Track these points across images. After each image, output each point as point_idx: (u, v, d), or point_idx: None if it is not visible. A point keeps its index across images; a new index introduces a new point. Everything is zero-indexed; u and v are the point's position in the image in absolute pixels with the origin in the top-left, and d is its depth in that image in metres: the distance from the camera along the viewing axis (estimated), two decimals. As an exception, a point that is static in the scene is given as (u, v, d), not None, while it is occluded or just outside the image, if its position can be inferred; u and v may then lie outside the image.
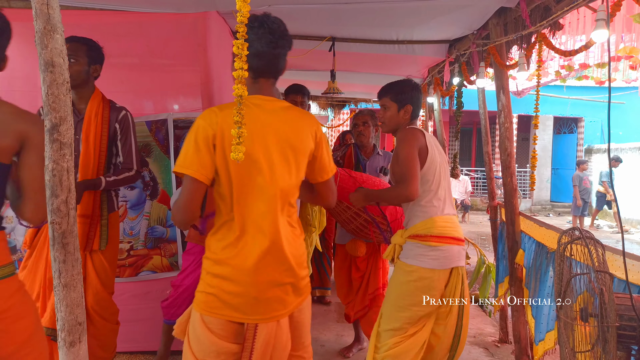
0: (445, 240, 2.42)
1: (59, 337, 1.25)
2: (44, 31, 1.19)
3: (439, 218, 2.45)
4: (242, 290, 1.60)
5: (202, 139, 1.58)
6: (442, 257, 2.41)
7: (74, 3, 2.98)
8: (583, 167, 11.24)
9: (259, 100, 1.71)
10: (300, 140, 1.73)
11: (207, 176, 1.58)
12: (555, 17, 2.67)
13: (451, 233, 2.44)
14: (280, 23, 1.77)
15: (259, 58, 1.70)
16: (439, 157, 2.52)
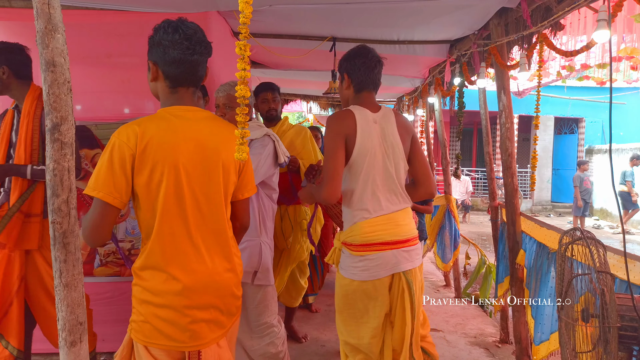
0: (373, 247, 2.13)
1: (59, 337, 1.25)
2: (45, 31, 1.19)
3: (365, 223, 2.14)
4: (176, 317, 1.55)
5: (118, 159, 1.49)
6: (373, 267, 2.13)
7: (76, 3, 2.99)
8: (584, 167, 11.23)
9: (179, 112, 1.62)
10: (228, 152, 1.65)
11: (121, 200, 1.49)
12: (556, 17, 2.67)
13: (381, 238, 2.13)
14: (197, 29, 1.66)
15: (176, 66, 1.59)
16: (377, 145, 2.15)
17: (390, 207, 2.18)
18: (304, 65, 5.07)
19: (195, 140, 1.59)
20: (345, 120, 2.13)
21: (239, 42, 1.28)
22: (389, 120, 2.22)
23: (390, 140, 2.18)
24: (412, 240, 2.21)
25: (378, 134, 2.16)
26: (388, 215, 2.17)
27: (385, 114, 2.23)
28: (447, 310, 4.72)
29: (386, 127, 2.19)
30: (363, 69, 2.22)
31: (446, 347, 3.79)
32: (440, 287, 5.72)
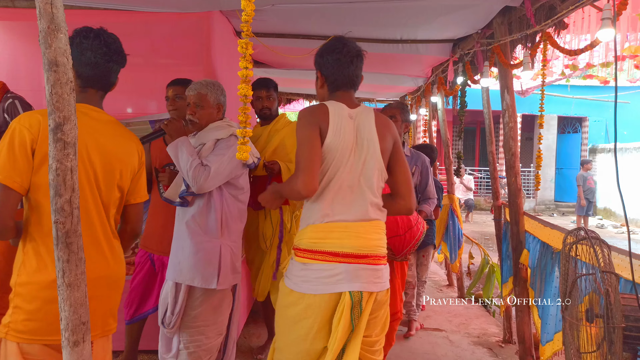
0: (319, 256, 1.83)
1: (62, 337, 1.25)
2: (47, 30, 1.18)
3: (317, 227, 1.86)
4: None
5: (18, 143, 1.48)
6: (315, 279, 1.82)
7: (79, 2, 2.99)
8: (587, 166, 11.20)
9: (84, 109, 1.66)
10: (126, 155, 1.72)
11: (21, 184, 1.49)
12: (560, 16, 2.66)
13: (331, 246, 1.83)
14: (117, 39, 1.74)
15: (90, 67, 1.68)
16: (349, 143, 1.89)
17: (353, 214, 1.88)
18: (306, 65, 5.06)
19: (95, 139, 1.64)
20: (318, 112, 1.90)
21: (241, 41, 1.28)
22: (367, 117, 1.96)
23: (366, 138, 1.92)
24: (371, 258, 1.87)
25: (352, 131, 1.91)
26: (348, 223, 1.87)
27: (364, 111, 1.98)
28: (450, 310, 4.71)
29: (363, 124, 1.93)
30: (337, 66, 1.97)
31: (449, 346, 3.79)
32: (443, 286, 5.71)
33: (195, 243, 2.40)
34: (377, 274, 1.88)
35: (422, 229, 2.79)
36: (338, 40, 2.03)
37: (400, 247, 2.76)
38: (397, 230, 2.72)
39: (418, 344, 3.79)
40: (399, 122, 3.09)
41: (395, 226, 2.71)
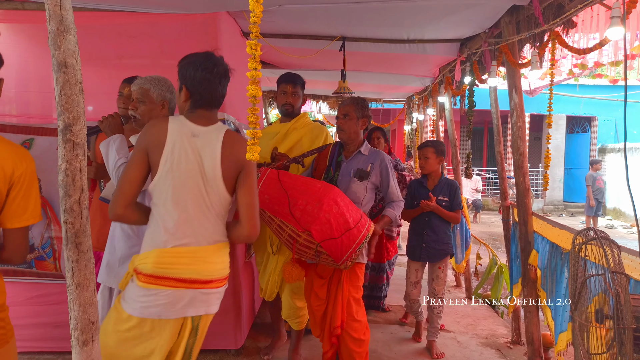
0: (165, 282, 1.81)
1: (72, 336, 1.26)
2: (57, 32, 1.20)
3: (164, 251, 1.83)
4: None
5: None
6: (161, 305, 1.81)
7: (87, 4, 3.01)
8: (596, 166, 11.10)
9: None
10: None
11: None
12: (568, 14, 2.64)
13: (178, 273, 1.82)
14: None
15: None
16: (190, 164, 1.84)
17: (198, 239, 1.87)
18: (313, 65, 5.08)
19: None
20: (153, 131, 1.86)
21: (249, 42, 1.28)
22: (214, 136, 1.89)
23: (208, 161, 1.86)
24: (216, 282, 1.91)
25: (194, 151, 1.85)
26: (195, 248, 1.86)
27: (214, 130, 1.91)
28: (458, 311, 4.69)
29: (207, 144, 1.87)
30: (205, 85, 1.92)
31: (457, 347, 3.77)
32: (451, 287, 5.68)
33: (127, 247, 2.31)
34: (213, 297, 1.96)
35: (365, 231, 2.52)
36: (208, 58, 1.97)
37: (338, 252, 2.46)
38: (332, 233, 2.43)
39: (425, 345, 3.78)
40: (354, 119, 2.85)
41: (328, 228, 2.44)
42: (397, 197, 2.89)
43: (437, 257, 3.65)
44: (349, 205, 2.56)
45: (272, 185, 2.52)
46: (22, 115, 3.30)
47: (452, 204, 3.64)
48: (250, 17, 1.34)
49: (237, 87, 3.54)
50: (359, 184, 2.80)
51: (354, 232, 2.47)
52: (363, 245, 2.51)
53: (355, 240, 2.46)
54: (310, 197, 2.48)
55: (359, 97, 2.96)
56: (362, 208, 2.78)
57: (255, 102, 1.35)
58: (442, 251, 3.64)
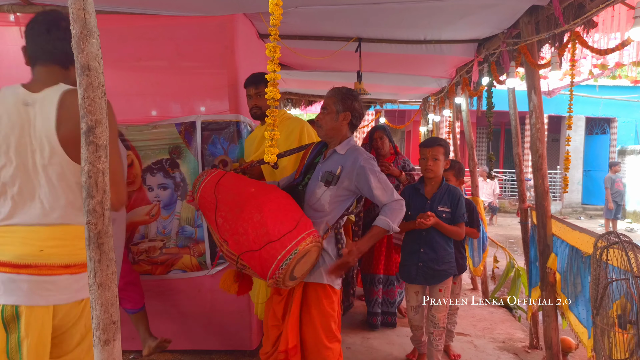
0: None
1: (93, 336, 1.28)
2: (80, 35, 1.21)
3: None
4: None
5: None
6: None
7: (106, 7, 3.06)
8: (616, 168, 10.92)
9: None
10: None
11: None
12: (589, 14, 2.60)
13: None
14: None
15: None
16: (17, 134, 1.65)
17: (21, 216, 1.67)
18: (329, 67, 5.07)
19: None
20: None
21: (269, 44, 1.29)
22: (49, 102, 1.66)
23: (40, 128, 1.65)
24: (45, 268, 1.66)
25: (25, 120, 1.65)
26: (14, 227, 1.67)
27: (50, 95, 1.67)
28: (475, 314, 4.65)
29: (41, 111, 1.66)
30: (29, 35, 1.74)
31: (474, 351, 3.73)
32: (468, 290, 5.63)
33: None
34: (47, 286, 1.66)
35: (293, 246, 2.08)
36: (43, 11, 1.78)
37: (258, 267, 2.12)
38: (250, 245, 2.10)
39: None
40: (332, 113, 2.43)
41: (245, 239, 2.11)
42: (388, 197, 2.36)
43: (436, 279, 3.09)
44: (279, 215, 2.16)
45: (208, 189, 2.30)
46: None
47: (455, 215, 3.08)
48: (266, 19, 1.35)
49: (254, 89, 3.56)
50: (324, 189, 2.37)
51: (275, 246, 2.07)
52: (287, 263, 2.07)
53: (277, 255, 2.06)
54: (236, 203, 2.20)
55: (343, 87, 2.51)
56: (326, 217, 2.37)
57: (274, 104, 1.35)
58: (443, 272, 3.08)
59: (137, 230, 3.25)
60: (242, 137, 3.22)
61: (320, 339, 2.35)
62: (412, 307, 3.26)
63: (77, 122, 1.53)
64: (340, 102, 2.42)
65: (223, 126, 3.19)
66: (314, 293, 2.37)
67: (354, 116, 2.45)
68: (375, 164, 2.41)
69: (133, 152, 3.23)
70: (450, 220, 3.08)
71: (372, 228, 2.36)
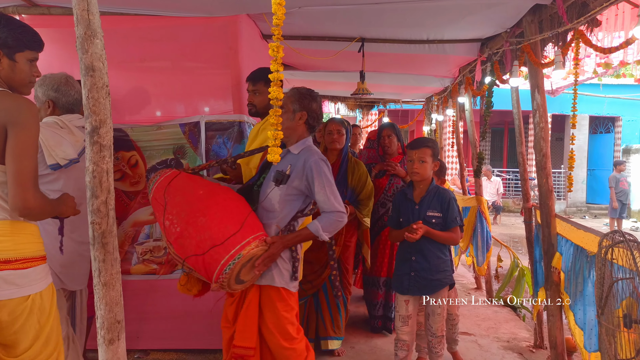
0: None
1: (98, 335, 1.28)
2: (84, 36, 1.22)
3: None
4: None
5: None
6: None
7: (110, 8, 3.07)
8: (620, 167, 10.88)
9: None
10: None
11: None
12: (593, 13, 2.59)
13: None
14: None
15: None
16: None
17: None
18: (332, 67, 5.08)
19: None
20: None
21: (272, 44, 1.29)
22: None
23: None
24: None
25: None
26: None
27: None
28: (479, 314, 4.64)
29: None
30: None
31: (478, 351, 3.72)
32: (471, 289, 5.62)
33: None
34: None
35: (237, 250, 2.05)
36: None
37: (203, 271, 2.12)
38: (194, 249, 2.08)
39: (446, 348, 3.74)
40: (288, 112, 2.38)
41: (189, 242, 2.10)
42: (329, 206, 2.28)
43: (429, 289, 2.89)
44: (225, 218, 2.14)
45: (159, 190, 2.26)
46: (47, 117, 3.38)
47: (446, 220, 2.86)
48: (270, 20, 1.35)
49: (257, 89, 3.56)
50: (275, 189, 2.32)
51: (218, 250, 2.05)
52: (231, 267, 2.05)
53: (221, 260, 2.03)
54: (182, 205, 2.16)
55: (302, 87, 2.48)
56: (277, 218, 2.32)
57: (277, 104, 1.35)
58: (437, 282, 2.88)
59: (142, 229, 3.26)
60: (245, 137, 3.23)
61: (277, 341, 2.32)
62: (401, 316, 2.98)
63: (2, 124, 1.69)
64: (297, 101, 2.39)
65: (227, 126, 3.20)
66: (267, 296, 2.33)
67: (311, 116, 2.41)
68: (326, 168, 2.33)
69: (138, 153, 3.24)
70: (442, 226, 2.86)
71: (304, 228, 2.32)
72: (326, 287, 3.47)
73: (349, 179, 3.56)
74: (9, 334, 1.77)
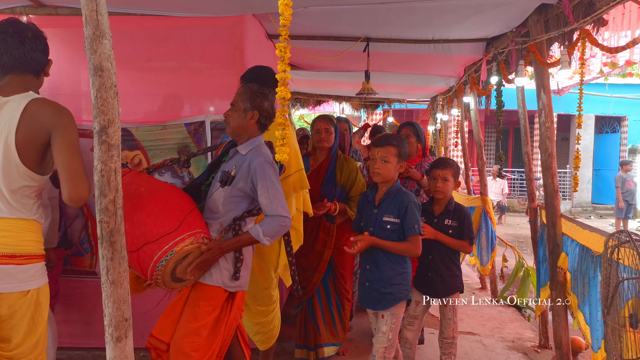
0: None
1: (106, 333, 1.29)
2: (93, 37, 1.23)
3: None
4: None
5: None
6: None
7: (117, 9, 3.08)
8: (626, 167, 10.82)
9: None
10: None
11: None
12: (600, 12, 2.58)
13: None
14: None
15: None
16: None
17: None
18: (337, 67, 5.08)
19: None
20: None
21: (279, 44, 1.30)
22: (16, 106, 1.84)
23: (4, 132, 1.81)
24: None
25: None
26: None
27: (18, 100, 1.86)
28: (484, 314, 4.63)
29: (6, 114, 1.83)
30: (4, 47, 1.90)
31: (483, 351, 3.72)
32: (476, 289, 5.62)
33: None
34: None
35: (170, 247, 2.02)
36: (7, 22, 1.94)
37: (138, 268, 2.09)
38: (129, 245, 2.05)
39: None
40: (239, 110, 2.30)
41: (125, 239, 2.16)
42: (272, 209, 2.18)
43: (381, 303, 2.56)
44: (161, 215, 2.09)
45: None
46: (53, 117, 3.40)
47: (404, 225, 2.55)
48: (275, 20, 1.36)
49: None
50: (220, 190, 2.25)
51: (152, 247, 2.03)
52: (163, 265, 2.02)
53: (153, 257, 2.01)
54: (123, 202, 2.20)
55: (254, 85, 2.38)
56: (221, 219, 2.25)
57: (285, 104, 1.36)
58: (389, 296, 2.55)
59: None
60: (251, 137, 3.24)
61: (180, 342, 2.17)
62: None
63: (37, 129, 1.83)
64: (248, 100, 2.31)
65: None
66: (195, 292, 2.24)
67: (263, 116, 2.32)
68: (271, 171, 2.22)
69: (142, 152, 3.26)
70: (399, 233, 2.54)
71: (244, 233, 2.22)
72: (319, 292, 3.36)
73: (337, 177, 3.33)
74: (6, 329, 1.83)
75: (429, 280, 2.90)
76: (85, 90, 3.36)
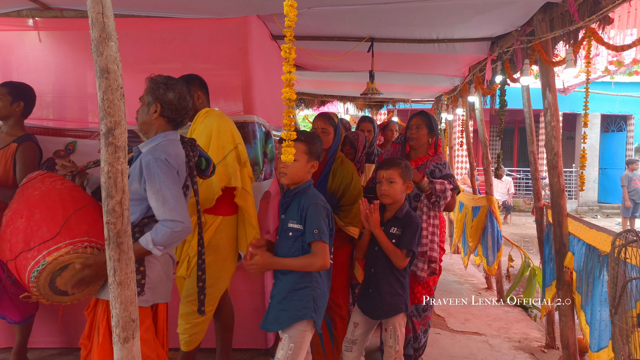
0: None
1: (113, 333, 1.30)
2: (99, 39, 1.23)
3: None
4: None
5: None
6: None
7: (122, 11, 3.10)
8: (633, 166, 10.75)
9: None
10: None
11: None
12: (605, 10, 2.57)
13: None
14: None
15: None
16: None
17: None
18: (341, 67, 5.08)
19: None
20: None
21: (284, 46, 1.30)
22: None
23: None
24: None
25: None
26: None
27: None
28: (490, 314, 4.62)
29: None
30: None
31: (489, 351, 3.71)
32: (482, 289, 5.60)
33: None
34: None
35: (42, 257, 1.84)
36: None
37: (19, 278, 1.96)
38: (8, 253, 1.93)
39: (457, 348, 3.73)
40: (144, 105, 2.13)
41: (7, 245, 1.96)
42: (162, 213, 1.92)
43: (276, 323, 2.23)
44: (44, 221, 1.93)
45: (18, 191, 2.16)
46: (59, 119, 3.42)
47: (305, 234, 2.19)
48: (280, 20, 1.36)
49: (267, 90, 3.59)
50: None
51: (27, 256, 1.87)
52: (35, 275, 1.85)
53: (27, 266, 1.85)
54: (16, 205, 2.04)
55: (159, 76, 2.15)
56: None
57: (290, 105, 1.36)
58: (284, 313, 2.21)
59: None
60: (256, 138, 3.24)
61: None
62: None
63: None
64: (150, 93, 2.09)
65: (237, 127, 3.21)
66: (97, 308, 2.02)
67: (167, 108, 2.08)
68: (161, 169, 1.95)
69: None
70: (302, 242, 2.18)
71: (135, 243, 1.88)
72: None
73: (328, 182, 2.96)
74: None
75: (369, 297, 2.57)
76: (91, 92, 3.38)
